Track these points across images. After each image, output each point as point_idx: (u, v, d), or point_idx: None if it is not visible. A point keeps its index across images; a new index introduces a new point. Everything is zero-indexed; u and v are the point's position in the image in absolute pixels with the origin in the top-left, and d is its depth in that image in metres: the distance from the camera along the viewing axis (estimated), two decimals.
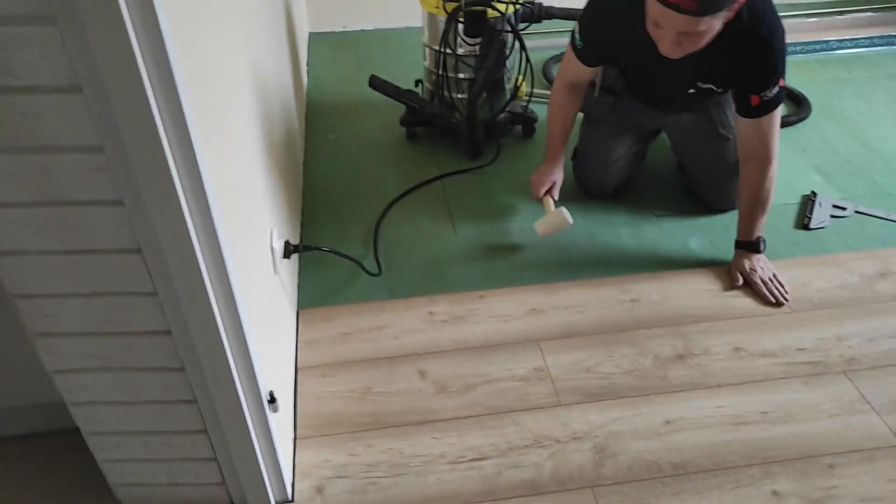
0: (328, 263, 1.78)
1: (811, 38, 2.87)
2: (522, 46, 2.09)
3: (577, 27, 1.74)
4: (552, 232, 1.84)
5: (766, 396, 1.45)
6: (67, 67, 0.73)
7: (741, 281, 1.73)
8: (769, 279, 1.72)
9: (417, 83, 2.32)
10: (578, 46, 1.75)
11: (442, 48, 2.08)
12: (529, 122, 2.30)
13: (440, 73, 2.13)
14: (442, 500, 1.27)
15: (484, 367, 1.53)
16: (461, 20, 2.03)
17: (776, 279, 1.72)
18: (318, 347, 1.58)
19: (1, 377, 1.29)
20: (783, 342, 1.58)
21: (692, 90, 1.71)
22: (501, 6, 2.03)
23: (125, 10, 0.69)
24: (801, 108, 2.43)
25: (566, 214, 1.80)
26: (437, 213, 2.00)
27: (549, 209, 1.85)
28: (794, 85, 2.54)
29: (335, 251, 1.68)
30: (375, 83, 2.25)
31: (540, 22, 2.14)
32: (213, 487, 1.21)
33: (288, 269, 1.60)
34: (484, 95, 2.12)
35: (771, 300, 1.68)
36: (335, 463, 1.34)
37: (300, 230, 1.91)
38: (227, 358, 0.99)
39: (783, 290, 1.70)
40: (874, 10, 3.02)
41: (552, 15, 2.15)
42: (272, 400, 1.12)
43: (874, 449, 1.35)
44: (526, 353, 1.56)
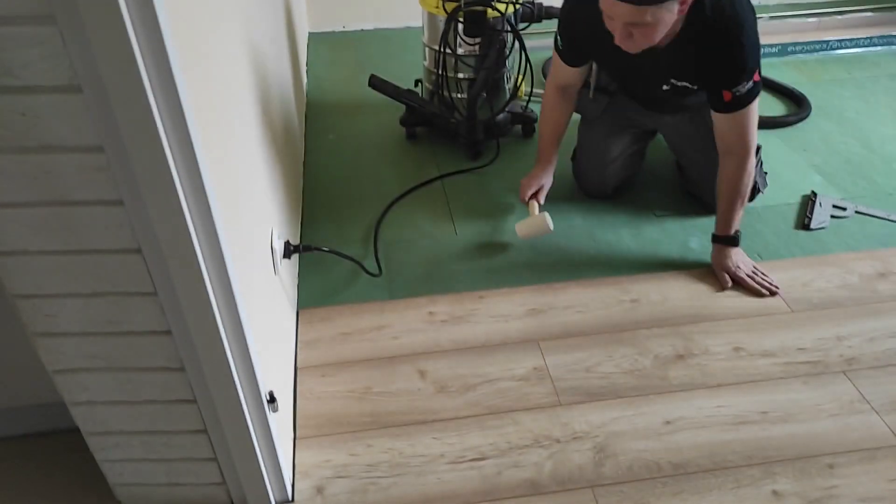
0: (328, 263, 1.78)
1: (811, 38, 2.88)
2: (522, 46, 2.09)
3: (557, 28, 1.75)
4: (532, 235, 1.85)
5: (766, 396, 1.45)
6: (67, 67, 0.73)
7: (729, 283, 1.72)
8: (753, 272, 1.72)
9: (417, 83, 2.32)
10: (559, 47, 1.76)
11: (442, 48, 2.08)
12: (529, 121, 2.30)
13: (440, 72, 2.13)
14: (442, 499, 1.27)
15: (484, 367, 1.53)
16: (461, 20, 2.03)
17: (759, 271, 1.73)
18: (317, 347, 1.58)
19: (1, 377, 1.29)
20: (783, 342, 1.58)
21: (666, 87, 1.70)
22: (501, 6, 2.03)
23: (125, 10, 0.69)
24: (800, 108, 2.43)
25: (548, 220, 1.80)
26: (437, 213, 2.00)
27: (532, 212, 1.87)
28: (794, 85, 2.55)
29: (335, 251, 1.68)
30: (375, 83, 2.25)
31: (540, 22, 2.14)
32: (213, 487, 1.21)
33: (288, 269, 1.61)
34: (484, 95, 2.12)
35: (765, 293, 1.69)
36: (335, 463, 1.34)
37: (300, 230, 1.91)
38: (227, 358, 0.99)
39: (769, 279, 1.71)
40: (874, 10, 3.03)
41: (552, 15, 2.14)
42: (272, 400, 1.12)
43: (874, 449, 1.35)
44: (526, 352, 1.56)
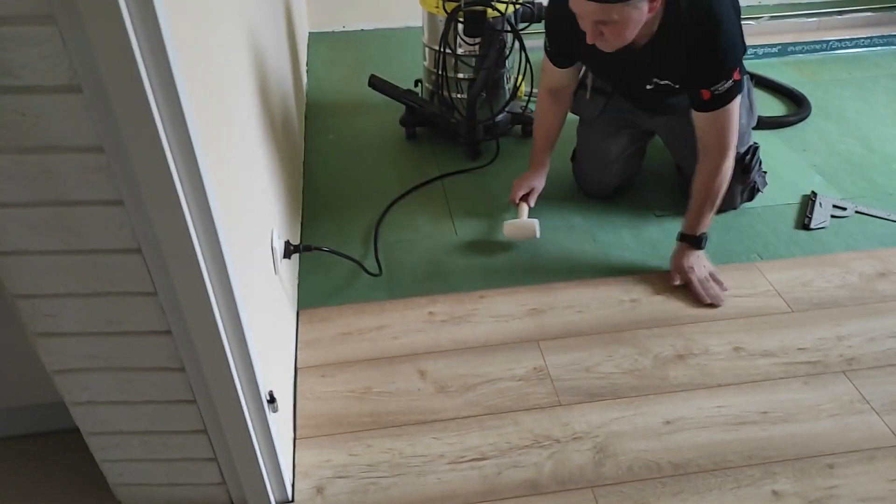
0: (328, 263, 1.78)
1: (811, 38, 2.88)
2: (522, 46, 2.09)
3: (544, 28, 1.75)
4: (517, 238, 1.86)
5: (766, 396, 1.45)
6: (67, 67, 0.73)
7: (678, 280, 1.71)
8: (705, 278, 1.70)
9: (417, 83, 2.32)
10: (547, 48, 1.77)
11: (442, 48, 2.08)
12: (529, 121, 2.29)
13: (440, 72, 2.13)
14: (442, 500, 1.27)
15: (484, 367, 1.53)
16: (461, 20, 2.03)
17: (713, 278, 1.71)
18: (317, 347, 1.58)
19: (1, 377, 1.29)
20: (783, 342, 1.58)
21: (650, 86, 1.69)
22: (501, 6, 2.03)
23: (125, 10, 0.69)
24: (800, 108, 2.43)
25: (535, 227, 1.81)
26: (437, 213, 2.00)
27: (520, 214, 1.87)
28: (794, 85, 2.55)
29: (335, 251, 1.68)
30: (375, 83, 2.25)
31: (540, 22, 2.13)
32: (213, 487, 1.21)
33: (288, 269, 1.61)
34: (483, 95, 2.12)
35: (706, 300, 1.66)
36: (335, 463, 1.34)
37: (300, 230, 1.91)
38: (226, 358, 0.99)
39: (719, 288, 1.69)
40: (874, 10, 3.03)
41: None
42: (272, 400, 1.12)
43: (874, 449, 1.35)
44: (526, 352, 1.56)
